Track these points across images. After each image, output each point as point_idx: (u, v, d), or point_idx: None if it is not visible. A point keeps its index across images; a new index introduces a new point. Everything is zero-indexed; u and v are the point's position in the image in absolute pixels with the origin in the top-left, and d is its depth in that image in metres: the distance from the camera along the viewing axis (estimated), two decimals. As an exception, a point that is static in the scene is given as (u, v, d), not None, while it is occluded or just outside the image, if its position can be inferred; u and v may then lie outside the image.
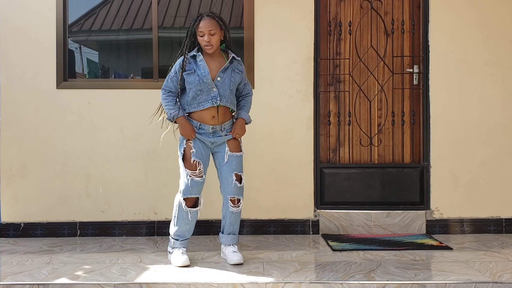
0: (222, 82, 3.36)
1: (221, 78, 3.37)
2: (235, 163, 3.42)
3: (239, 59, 3.48)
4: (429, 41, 4.35)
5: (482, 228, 4.33)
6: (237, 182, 3.39)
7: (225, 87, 3.37)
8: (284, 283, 3.00)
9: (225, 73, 3.38)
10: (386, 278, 3.05)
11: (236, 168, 3.41)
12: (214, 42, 3.34)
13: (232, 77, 3.39)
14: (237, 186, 3.39)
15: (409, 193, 4.41)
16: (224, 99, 3.37)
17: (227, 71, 3.39)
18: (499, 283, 2.97)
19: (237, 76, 3.42)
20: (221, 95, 3.36)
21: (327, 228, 4.33)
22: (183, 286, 3.00)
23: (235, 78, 3.40)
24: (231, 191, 3.40)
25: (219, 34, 3.37)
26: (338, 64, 4.45)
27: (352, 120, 4.45)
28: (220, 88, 3.36)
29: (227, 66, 3.39)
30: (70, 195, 4.29)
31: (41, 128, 4.28)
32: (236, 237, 3.49)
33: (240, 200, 3.42)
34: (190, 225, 3.42)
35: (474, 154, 4.34)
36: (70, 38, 4.43)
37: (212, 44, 3.34)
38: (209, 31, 3.32)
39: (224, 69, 3.39)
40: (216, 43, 3.37)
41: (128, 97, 4.31)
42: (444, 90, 4.34)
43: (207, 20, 3.34)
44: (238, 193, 3.41)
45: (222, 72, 3.38)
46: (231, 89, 3.39)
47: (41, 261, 3.52)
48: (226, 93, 3.37)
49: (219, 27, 3.37)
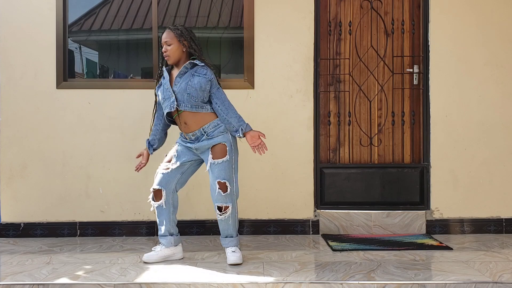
0: (179, 87, 3.38)
1: (178, 83, 3.39)
2: (217, 170, 3.36)
3: (203, 65, 3.43)
4: (429, 41, 4.35)
5: (482, 228, 4.33)
6: (220, 190, 3.35)
7: (182, 92, 3.36)
8: (284, 283, 3.00)
9: (182, 78, 3.40)
10: (386, 278, 3.05)
11: (219, 176, 3.35)
12: (170, 52, 3.41)
13: (190, 80, 3.36)
14: (221, 195, 3.35)
15: (409, 193, 4.41)
16: (183, 104, 3.36)
17: (184, 76, 3.39)
18: (499, 283, 2.97)
19: (197, 79, 3.36)
20: (179, 100, 3.36)
21: (327, 228, 4.33)
22: (183, 286, 3.00)
23: (194, 82, 3.35)
24: (216, 199, 3.39)
25: (176, 45, 3.41)
26: (338, 64, 4.45)
27: (352, 120, 4.45)
28: (178, 93, 3.37)
29: (184, 71, 3.40)
30: (70, 195, 4.29)
31: (41, 128, 4.28)
32: (234, 239, 3.47)
33: (228, 207, 3.38)
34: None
35: (474, 154, 4.34)
36: (70, 38, 4.44)
37: (169, 54, 3.41)
38: (165, 42, 3.42)
39: (181, 74, 3.40)
40: (173, 53, 3.41)
41: (128, 97, 4.32)
42: (444, 90, 4.34)
43: (166, 32, 3.46)
44: (223, 200, 3.37)
45: (179, 77, 3.40)
46: (189, 93, 3.34)
47: (41, 261, 3.52)
48: (183, 98, 3.35)
49: (176, 39, 3.41)
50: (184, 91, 3.36)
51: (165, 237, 3.51)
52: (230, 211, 3.39)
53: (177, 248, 3.54)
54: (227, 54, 4.57)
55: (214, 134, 3.38)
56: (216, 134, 3.38)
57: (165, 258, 3.48)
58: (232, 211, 3.40)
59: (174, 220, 3.54)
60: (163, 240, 3.52)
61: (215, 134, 3.38)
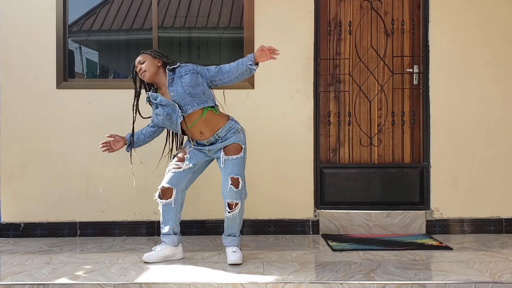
0: (177, 94, 3.36)
1: (174, 91, 3.36)
2: (231, 166, 3.38)
3: (179, 64, 3.43)
4: (429, 41, 4.35)
5: (482, 228, 4.33)
6: (232, 186, 3.36)
7: (182, 96, 3.35)
8: (284, 283, 3.00)
9: (173, 85, 3.38)
10: (386, 278, 3.05)
11: (233, 171, 3.38)
12: (146, 67, 3.39)
13: (182, 82, 3.36)
14: (233, 190, 3.37)
15: (409, 193, 4.41)
16: (189, 106, 3.35)
17: (174, 82, 3.38)
18: (499, 283, 2.97)
19: (186, 77, 3.36)
20: (183, 107, 3.35)
21: (327, 228, 4.33)
22: (183, 286, 3.00)
23: (186, 81, 3.35)
24: (227, 195, 3.39)
25: (150, 60, 3.41)
26: (338, 64, 4.45)
27: (352, 120, 4.45)
28: (179, 100, 3.35)
29: (171, 79, 3.39)
30: (70, 195, 4.29)
31: (41, 128, 4.28)
32: (236, 239, 3.48)
33: (237, 204, 3.39)
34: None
35: (474, 154, 4.34)
36: (70, 38, 4.44)
37: (145, 69, 3.39)
38: (139, 62, 3.42)
39: (170, 83, 3.39)
40: (149, 67, 3.39)
41: (128, 97, 4.29)
42: (444, 90, 4.34)
43: (138, 57, 3.45)
44: (234, 197, 3.38)
45: (170, 86, 3.38)
46: (189, 93, 3.34)
47: (41, 261, 3.52)
48: (186, 101, 3.35)
49: (150, 56, 3.43)
50: (184, 94, 3.34)
51: (168, 235, 3.51)
52: (239, 209, 3.40)
53: (177, 248, 3.54)
54: (227, 54, 4.57)
55: (227, 136, 3.43)
56: (229, 135, 3.43)
57: (165, 258, 3.48)
58: (240, 209, 3.41)
59: (179, 219, 3.55)
60: (166, 239, 3.51)
61: (228, 136, 3.43)
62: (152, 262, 3.44)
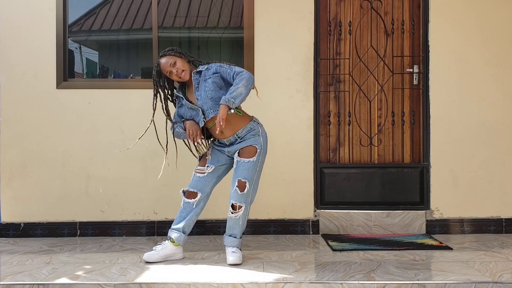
0: (201, 98, 3.38)
1: (199, 96, 3.39)
2: (241, 169, 3.39)
3: (205, 66, 3.43)
4: (429, 41, 4.35)
5: (482, 228, 4.33)
6: (238, 188, 3.37)
7: (205, 101, 3.37)
8: (284, 283, 3.00)
9: (199, 89, 3.40)
10: (386, 278, 3.05)
11: (241, 174, 3.38)
12: (182, 66, 3.39)
13: (206, 86, 3.38)
14: (237, 193, 3.37)
15: (409, 193, 4.41)
16: (211, 111, 3.36)
17: (200, 86, 3.40)
18: (499, 283, 2.97)
19: (209, 81, 3.37)
20: (206, 111, 3.37)
21: (327, 228, 4.33)
22: (183, 286, 3.00)
23: (209, 86, 3.37)
24: (232, 196, 3.40)
25: (180, 60, 3.41)
26: (338, 64, 4.45)
27: (352, 120, 4.45)
28: (203, 105, 3.38)
29: (196, 83, 3.40)
30: (70, 195, 4.29)
31: (41, 128, 4.28)
32: (236, 240, 3.47)
33: (241, 207, 3.39)
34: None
35: (474, 154, 4.34)
36: (70, 38, 4.44)
37: (183, 69, 3.39)
38: (169, 64, 3.39)
39: (196, 88, 3.41)
40: (185, 66, 3.41)
41: (128, 97, 4.32)
42: (444, 90, 4.34)
43: (164, 58, 3.43)
44: (238, 199, 3.38)
45: (196, 90, 3.41)
46: (211, 97, 3.36)
47: (41, 261, 3.52)
48: (208, 105, 3.36)
49: (177, 56, 3.42)
50: (206, 98, 3.36)
51: (177, 231, 3.51)
52: (242, 211, 3.40)
53: (178, 248, 3.54)
54: (227, 54, 4.57)
55: (246, 137, 3.42)
56: (248, 136, 3.42)
57: (165, 258, 3.48)
58: (243, 213, 3.41)
59: (194, 221, 3.56)
60: (174, 234, 3.50)
61: (247, 137, 3.42)
62: (152, 261, 3.44)
